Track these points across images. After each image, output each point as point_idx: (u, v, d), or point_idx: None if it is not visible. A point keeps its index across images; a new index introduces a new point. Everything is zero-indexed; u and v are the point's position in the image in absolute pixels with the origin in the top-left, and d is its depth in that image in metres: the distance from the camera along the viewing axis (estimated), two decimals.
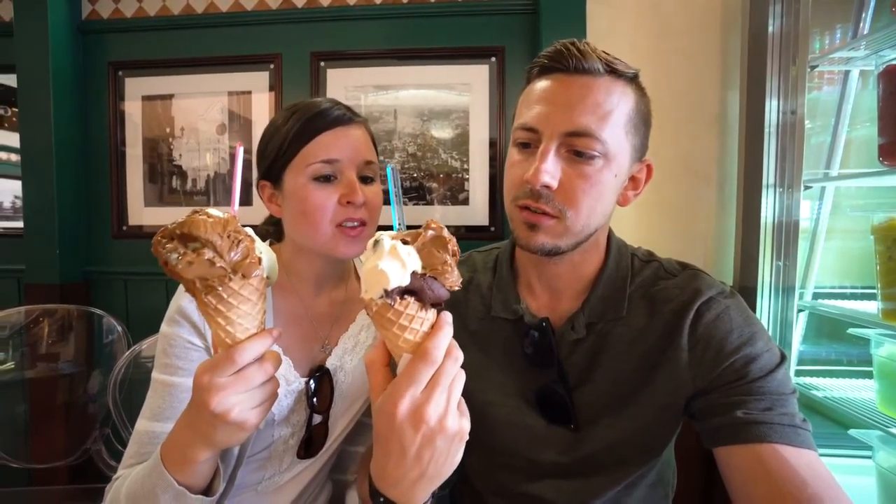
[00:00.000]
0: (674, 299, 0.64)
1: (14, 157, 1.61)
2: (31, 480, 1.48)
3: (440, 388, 0.42)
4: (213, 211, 0.45)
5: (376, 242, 0.43)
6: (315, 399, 0.74)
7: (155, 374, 0.70)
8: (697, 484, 1.30)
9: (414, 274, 0.43)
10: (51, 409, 1.43)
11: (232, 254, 0.43)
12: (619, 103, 0.59)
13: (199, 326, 0.70)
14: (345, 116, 0.75)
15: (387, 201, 0.61)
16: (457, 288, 0.45)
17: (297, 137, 0.73)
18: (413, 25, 1.50)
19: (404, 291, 0.42)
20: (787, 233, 1.22)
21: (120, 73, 1.58)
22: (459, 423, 0.44)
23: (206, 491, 0.58)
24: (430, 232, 0.44)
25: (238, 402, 0.47)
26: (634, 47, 1.44)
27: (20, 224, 1.57)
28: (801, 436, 0.54)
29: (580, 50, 0.59)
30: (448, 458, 0.44)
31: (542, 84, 0.62)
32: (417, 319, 0.44)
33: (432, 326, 0.45)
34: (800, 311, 1.24)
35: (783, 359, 0.60)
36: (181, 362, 0.69)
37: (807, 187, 1.19)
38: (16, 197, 1.67)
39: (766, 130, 1.21)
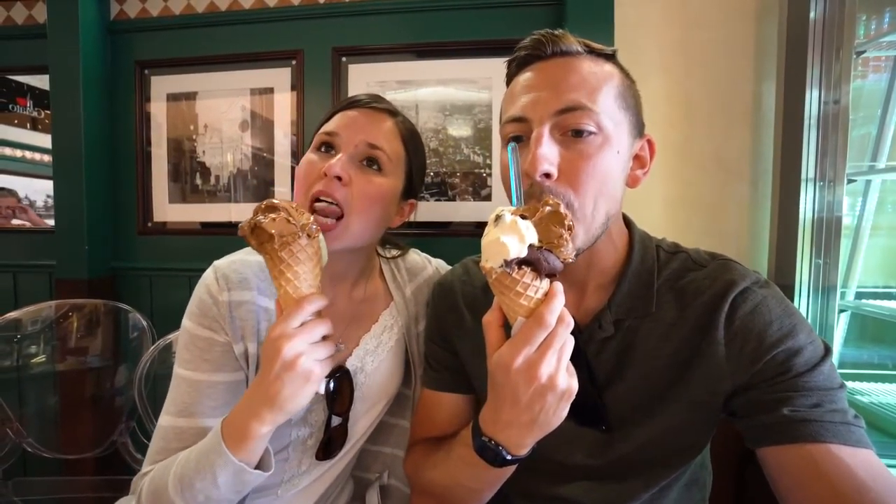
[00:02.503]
0: (705, 291, 0.60)
1: (47, 158, 1.65)
2: (61, 470, 1.51)
3: (552, 350, 0.47)
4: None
5: (498, 217, 0.48)
6: (334, 400, 0.72)
7: (177, 369, 0.69)
8: (730, 486, 1.25)
9: (531, 247, 0.47)
10: (79, 401, 1.46)
11: (301, 218, 0.57)
12: (605, 78, 0.58)
13: (219, 321, 0.69)
14: (364, 100, 0.75)
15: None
16: (570, 260, 0.49)
17: (322, 122, 0.75)
18: (434, 19, 1.48)
19: (522, 262, 0.47)
20: (828, 229, 1.16)
21: (146, 71, 1.61)
22: (568, 382, 0.49)
23: (260, 466, 0.61)
24: (548, 208, 0.48)
25: (305, 350, 0.54)
26: (664, 38, 1.40)
27: (52, 222, 1.61)
28: (855, 433, 0.51)
29: (555, 35, 0.58)
30: (556, 411, 0.50)
31: (523, 76, 0.60)
32: (532, 287, 0.48)
33: (546, 294, 0.49)
34: (841, 311, 1.18)
35: (828, 351, 0.56)
36: (204, 356, 0.68)
37: (850, 181, 1.13)
38: (48, 196, 1.73)
39: (806, 122, 1.16)
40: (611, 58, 0.61)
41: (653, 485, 0.64)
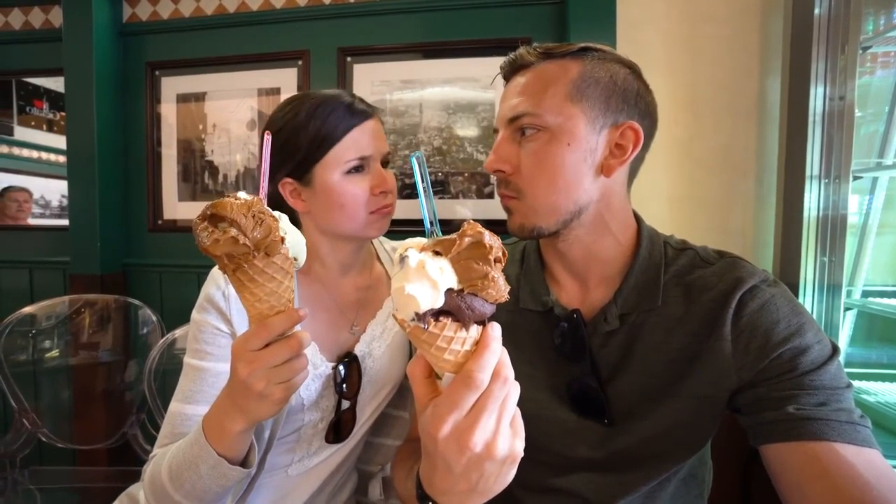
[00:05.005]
0: (713, 288, 0.61)
1: (62, 160, 1.70)
2: (75, 460, 1.56)
3: (486, 413, 0.39)
4: (241, 194, 0.47)
5: (402, 258, 0.38)
6: (344, 385, 0.76)
7: (186, 359, 0.73)
8: (733, 485, 1.24)
9: (449, 292, 0.37)
10: (92, 394, 1.50)
11: (255, 232, 0.45)
12: (554, 78, 0.62)
13: (225, 313, 0.72)
14: (367, 111, 0.77)
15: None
16: (503, 300, 0.39)
17: (329, 136, 0.72)
18: (439, 19, 1.49)
19: (439, 313, 0.38)
20: (833, 227, 1.15)
21: (157, 72, 1.65)
22: (511, 446, 0.40)
23: (243, 463, 0.61)
24: (467, 239, 0.38)
25: (265, 375, 0.50)
26: (668, 35, 1.39)
27: (67, 221, 1.65)
28: (861, 433, 0.51)
29: (513, 57, 0.66)
30: (499, 478, 0.42)
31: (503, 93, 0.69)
32: (457, 340, 0.39)
33: (475, 344, 0.40)
34: (847, 309, 1.16)
35: (835, 351, 0.56)
36: (210, 347, 0.71)
37: (856, 178, 1.12)
38: (62, 196, 1.78)
39: (811, 119, 1.15)
40: (577, 54, 0.63)
41: (653, 478, 0.64)
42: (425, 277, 0.37)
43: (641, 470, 0.64)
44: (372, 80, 1.52)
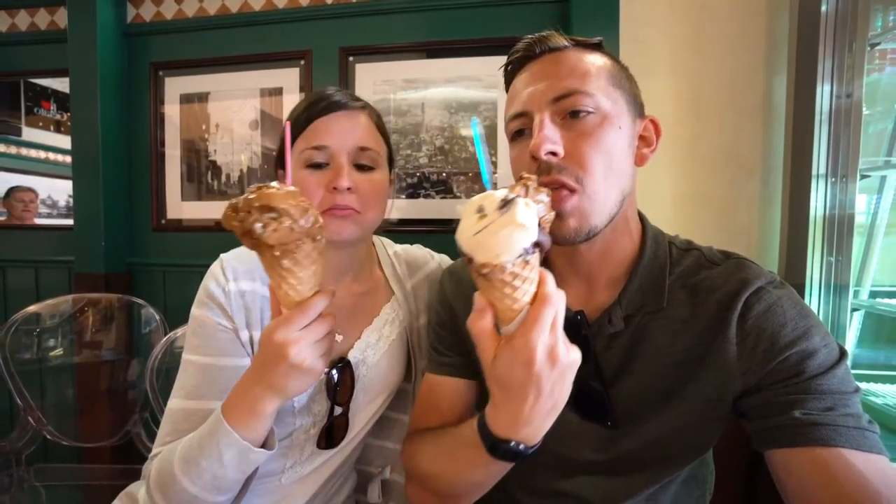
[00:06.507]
0: (718, 289, 0.60)
1: (69, 160, 1.71)
2: (80, 458, 1.57)
3: (559, 326, 0.46)
4: (273, 184, 0.50)
5: (507, 202, 0.41)
6: (336, 390, 0.74)
7: (186, 355, 0.72)
8: (736, 488, 1.23)
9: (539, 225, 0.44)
10: (95, 393, 1.51)
11: (303, 221, 0.48)
12: (593, 63, 0.61)
13: (226, 309, 0.72)
14: (339, 102, 0.74)
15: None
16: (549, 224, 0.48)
17: (295, 123, 0.73)
18: (441, 18, 1.48)
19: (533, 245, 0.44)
20: (841, 226, 1.13)
21: (160, 72, 1.65)
22: (575, 352, 0.48)
23: (264, 445, 0.62)
24: (531, 183, 0.45)
25: (311, 350, 0.55)
26: (672, 33, 1.38)
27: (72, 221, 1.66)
28: (869, 439, 0.50)
29: (542, 35, 0.63)
30: (568, 385, 0.48)
31: (519, 77, 0.65)
32: (536, 269, 0.45)
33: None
34: (854, 310, 1.14)
35: (843, 355, 0.55)
36: (212, 342, 0.71)
37: (864, 176, 1.10)
38: (69, 196, 1.79)
39: (817, 117, 1.13)
40: (598, 47, 0.65)
41: (656, 481, 0.63)
42: (531, 213, 0.42)
43: (645, 473, 0.63)
44: (374, 80, 1.52)
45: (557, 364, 0.45)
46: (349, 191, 0.71)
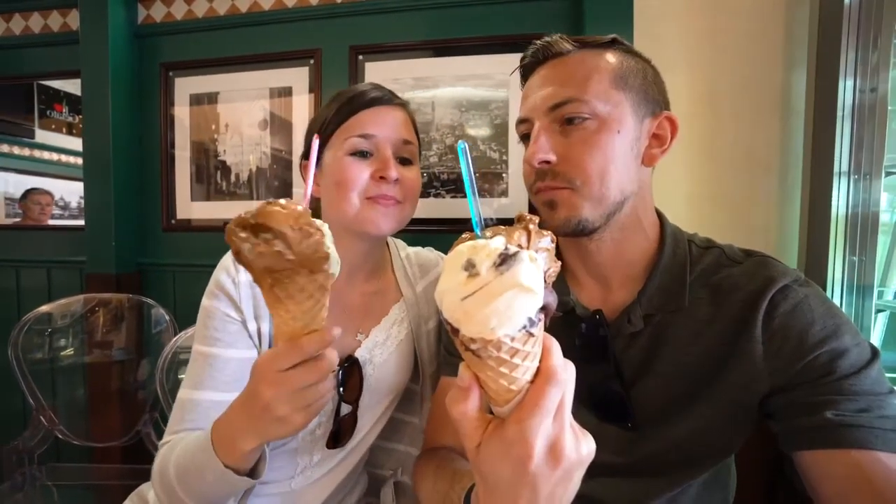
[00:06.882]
0: (742, 288, 0.58)
1: (81, 162, 1.72)
2: (91, 458, 1.58)
3: (566, 411, 0.35)
4: (284, 201, 0.43)
5: (507, 258, 0.31)
6: (343, 388, 0.74)
7: (195, 346, 0.72)
8: (758, 491, 1.20)
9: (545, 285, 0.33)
10: (106, 393, 1.52)
11: (301, 246, 0.41)
12: (597, 66, 0.61)
13: (235, 300, 0.72)
14: (384, 97, 0.76)
15: (461, 190, 0.63)
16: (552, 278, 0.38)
17: (337, 115, 0.74)
18: (451, 16, 1.47)
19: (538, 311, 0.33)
20: (864, 225, 1.10)
21: (171, 73, 1.66)
22: (589, 443, 0.37)
23: (251, 473, 0.59)
24: (532, 227, 0.35)
25: (289, 399, 0.47)
26: (688, 29, 1.35)
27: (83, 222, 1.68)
28: None
29: (548, 41, 0.64)
30: (575, 485, 0.37)
31: (530, 81, 0.67)
32: (540, 341, 0.35)
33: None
34: (879, 311, 1.11)
35: (875, 354, 0.53)
36: (220, 333, 0.71)
37: (889, 174, 1.07)
38: (81, 198, 1.80)
39: (839, 112, 1.10)
40: (609, 45, 0.64)
41: (678, 484, 0.62)
42: (537, 270, 0.32)
43: (666, 476, 0.62)
44: (384, 79, 1.51)
45: (562, 462, 0.34)
46: (396, 182, 0.73)
